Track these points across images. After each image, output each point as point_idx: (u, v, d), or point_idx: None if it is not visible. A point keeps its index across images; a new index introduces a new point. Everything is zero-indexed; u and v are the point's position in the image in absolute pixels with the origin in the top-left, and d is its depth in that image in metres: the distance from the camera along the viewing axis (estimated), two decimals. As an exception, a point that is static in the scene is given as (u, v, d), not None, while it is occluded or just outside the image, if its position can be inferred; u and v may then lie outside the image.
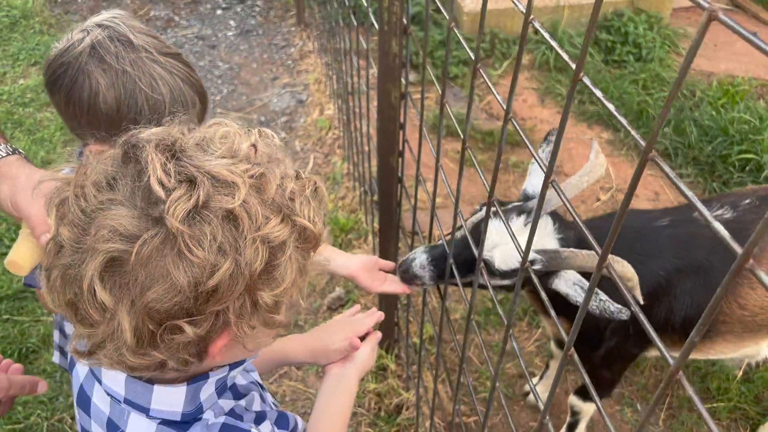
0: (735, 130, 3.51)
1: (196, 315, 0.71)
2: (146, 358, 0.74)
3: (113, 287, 0.69)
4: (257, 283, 0.73)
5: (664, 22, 4.59)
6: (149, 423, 0.88)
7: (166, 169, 0.69)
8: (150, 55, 1.23)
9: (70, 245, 0.71)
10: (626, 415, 2.48)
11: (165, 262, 0.68)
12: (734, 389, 2.52)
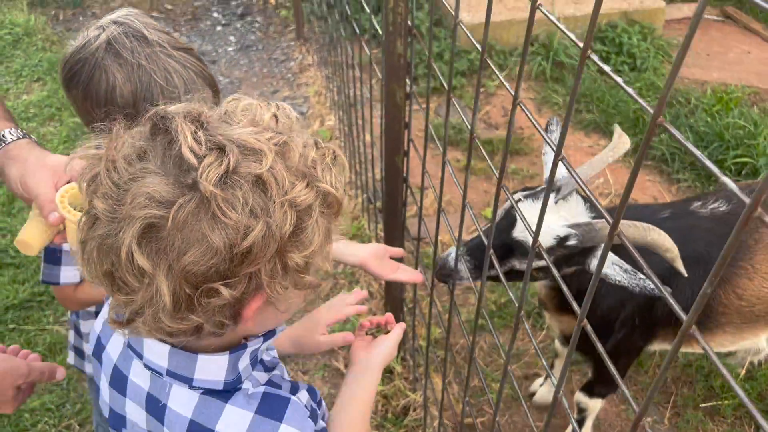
0: (730, 136, 3.56)
1: (231, 277, 0.73)
2: (184, 322, 0.76)
3: (151, 253, 0.71)
4: (287, 245, 0.75)
5: (657, 32, 4.67)
6: (191, 394, 0.89)
7: (197, 137, 0.72)
8: (164, 49, 1.27)
9: (106, 216, 0.73)
10: (631, 414, 2.50)
11: (200, 226, 0.71)
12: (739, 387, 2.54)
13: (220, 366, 0.88)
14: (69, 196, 1.20)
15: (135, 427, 0.97)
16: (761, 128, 3.62)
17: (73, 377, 2.60)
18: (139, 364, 0.93)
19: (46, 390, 2.55)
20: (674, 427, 2.47)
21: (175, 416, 0.90)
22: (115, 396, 0.98)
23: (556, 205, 1.64)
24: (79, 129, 3.82)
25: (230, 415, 0.88)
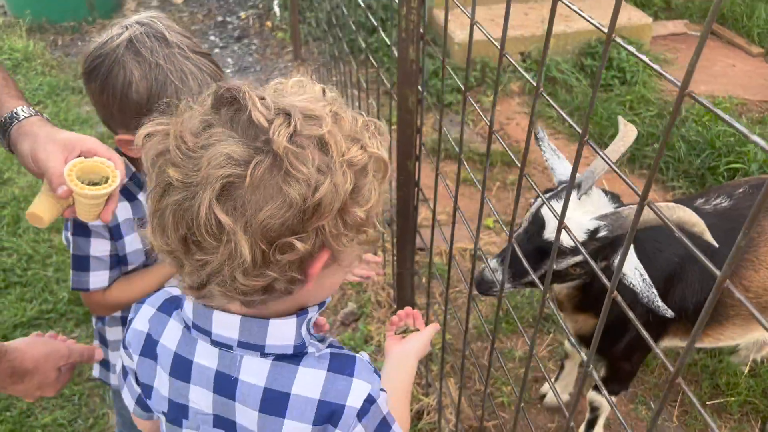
0: (721, 143, 3.66)
1: (301, 232, 0.79)
2: (259, 279, 0.80)
3: (230, 210, 0.76)
4: (348, 201, 0.81)
5: (645, 48, 4.80)
6: (263, 362, 0.92)
7: (265, 104, 0.79)
8: (182, 52, 1.31)
9: (180, 182, 0.78)
10: (641, 413, 2.53)
11: (275, 181, 0.76)
12: (743, 384, 2.59)
13: (289, 329, 0.92)
14: (77, 170, 1.22)
15: (198, 415, 0.98)
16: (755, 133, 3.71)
17: (84, 392, 2.60)
18: (205, 344, 0.95)
19: (57, 406, 2.55)
20: (683, 425, 2.51)
21: (248, 388, 0.92)
22: (176, 386, 0.98)
23: (580, 201, 1.69)
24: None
25: (304, 376, 0.91)
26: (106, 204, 1.30)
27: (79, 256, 1.46)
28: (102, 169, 1.27)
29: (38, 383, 1.31)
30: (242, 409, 0.94)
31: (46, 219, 1.26)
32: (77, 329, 2.86)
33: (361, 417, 0.91)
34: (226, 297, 0.85)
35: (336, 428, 0.91)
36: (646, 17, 4.86)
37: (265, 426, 0.93)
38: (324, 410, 0.90)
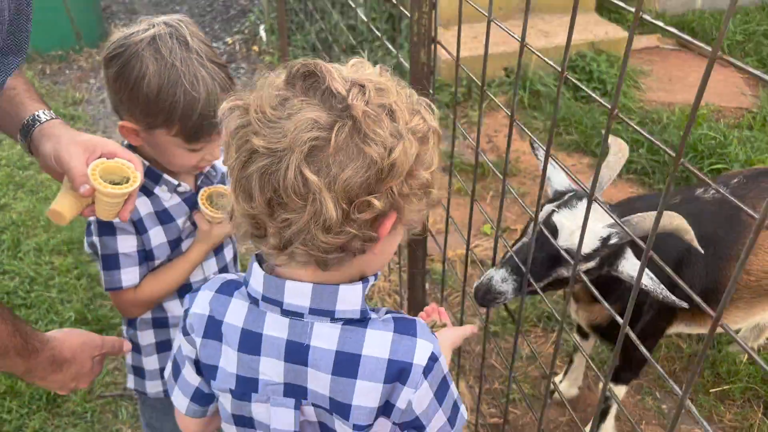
0: (703, 146, 3.82)
1: (377, 192, 0.86)
2: (339, 236, 0.86)
3: (316, 170, 0.83)
4: (415, 165, 0.89)
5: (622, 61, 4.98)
6: (333, 327, 0.97)
7: (340, 75, 0.87)
8: (200, 58, 1.36)
9: (265, 149, 0.84)
10: (647, 403, 2.61)
11: (356, 143, 0.84)
12: (743, 371, 2.68)
13: (356, 294, 0.97)
14: (100, 170, 1.29)
15: (268, 386, 1.02)
16: (730, 138, 3.89)
17: (96, 409, 2.59)
18: (275, 315, 0.99)
19: (69, 424, 2.54)
20: (688, 413, 2.58)
21: (320, 353, 0.97)
22: (245, 360, 1.02)
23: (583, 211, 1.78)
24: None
25: (373, 337, 0.97)
26: (124, 204, 1.36)
27: (108, 255, 1.50)
28: (123, 170, 1.33)
29: (75, 373, 1.35)
30: (314, 374, 0.98)
31: (67, 216, 1.31)
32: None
33: (427, 374, 0.97)
34: (307, 256, 0.90)
35: (405, 386, 0.96)
36: (622, 31, 5.06)
37: (338, 388, 0.97)
38: (393, 369, 0.96)
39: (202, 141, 1.41)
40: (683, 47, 5.66)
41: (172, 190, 1.54)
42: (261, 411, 1.05)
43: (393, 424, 1.00)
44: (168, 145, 1.42)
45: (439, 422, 1.03)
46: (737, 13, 5.87)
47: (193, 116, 1.35)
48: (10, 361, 1.21)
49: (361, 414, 0.97)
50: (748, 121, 4.35)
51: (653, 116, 4.35)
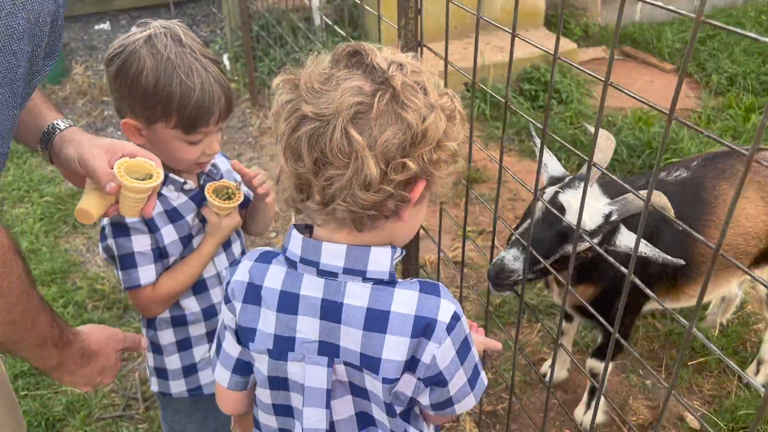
0: (657, 143, 4.07)
1: (410, 156, 0.96)
2: (377, 194, 0.96)
3: (359, 132, 0.94)
4: (443, 137, 0.99)
5: (574, 71, 5.26)
6: (364, 286, 1.06)
7: (382, 54, 0.99)
8: (193, 53, 1.47)
9: (314, 114, 0.95)
10: (633, 380, 2.76)
11: (394, 110, 0.95)
12: (715, 344, 2.86)
13: (386, 257, 1.06)
14: (124, 167, 1.37)
15: (304, 344, 1.09)
16: (681, 134, 4.16)
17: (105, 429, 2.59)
18: (311, 276, 1.07)
19: (72, 447, 2.54)
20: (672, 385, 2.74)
21: (352, 310, 1.05)
22: (284, 320, 1.10)
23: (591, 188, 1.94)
24: (53, 206, 3.87)
25: (401, 295, 1.06)
26: (147, 200, 1.44)
27: (125, 255, 1.56)
28: (145, 167, 1.42)
29: (101, 367, 1.38)
30: (347, 330, 1.06)
31: (95, 214, 1.39)
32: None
33: (450, 331, 1.05)
34: (347, 213, 0.99)
35: (429, 341, 1.04)
36: (572, 43, 5.35)
37: (369, 343, 1.05)
38: (419, 324, 1.04)
39: (200, 131, 1.50)
40: (627, 57, 5.99)
41: (179, 188, 1.61)
42: (296, 370, 1.12)
43: (417, 380, 1.08)
44: (168, 139, 1.50)
45: (460, 381, 1.11)
46: (673, 22, 6.27)
47: (189, 105, 1.44)
48: (47, 352, 1.25)
49: (389, 367, 1.05)
50: (694, 120, 4.65)
51: (608, 120, 4.61)
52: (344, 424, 1.16)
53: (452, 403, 1.13)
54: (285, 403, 1.18)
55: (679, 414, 2.62)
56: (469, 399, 1.15)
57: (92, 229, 3.76)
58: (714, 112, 4.77)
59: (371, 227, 1.04)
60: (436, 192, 1.08)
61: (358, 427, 1.16)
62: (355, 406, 1.15)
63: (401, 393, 1.09)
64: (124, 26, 6.29)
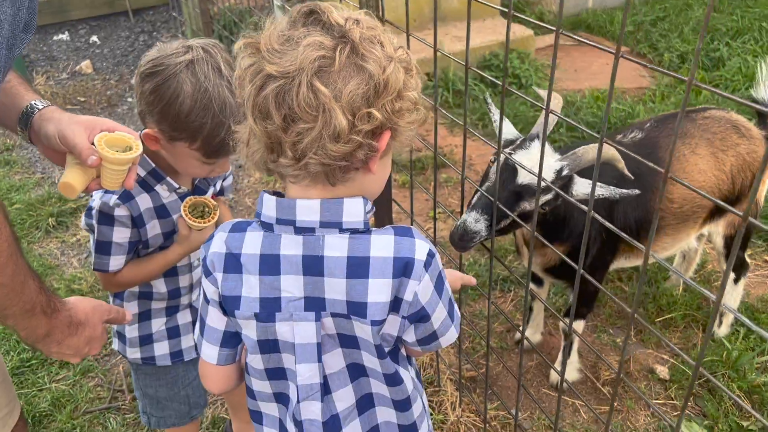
0: (615, 119, 4.22)
1: (375, 106, 1.01)
2: (348, 144, 1.00)
3: (325, 85, 0.98)
4: (402, 87, 1.04)
5: (532, 57, 5.41)
6: (341, 237, 1.09)
7: (338, 12, 1.03)
8: (229, 86, 1.49)
9: (278, 72, 0.98)
10: (603, 339, 2.88)
11: (356, 62, 0.99)
12: (680, 301, 3.00)
13: (359, 207, 1.10)
14: (105, 140, 1.43)
15: (290, 303, 1.12)
16: (637, 110, 4.32)
17: (84, 425, 2.61)
18: (289, 236, 1.10)
19: (60, 441, 2.55)
20: (640, 342, 2.87)
21: (333, 261, 1.09)
22: (267, 281, 1.13)
23: (533, 150, 2.04)
24: (24, 212, 3.85)
25: (377, 241, 1.10)
26: (129, 172, 1.49)
27: (102, 242, 1.63)
28: (124, 140, 1.48)
29: (88, 336, 1.38)
30: (330, 281, 1.10)
31: (78, 187, 1.44)
32: (62, 371, 2.87)
33: (427, 267, 1.11)
34: (320, 166, 1.03)
35: (410, 279, 1.09)
36: (528, 30, 5.50)
37: (353, 289, 1.09)
38: (399, 265, 1.09)
39: (220, 159, 1.56)
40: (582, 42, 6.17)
41: (172, 190, 1.67)
42: (285, 330, 1.15)
43: (402, 318, 1.13)
44: (185, 157, 1.55)
45: (441, 314, 1.16)
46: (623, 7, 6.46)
47: (217, 138, 1.48)
48: (36, 320, 1.25)
49: (376, 310, 1.09)
50: (649, 97, 4.83)
51: (567, 101, 4.76)
52: (336, 377, 1.20)
53: (437, 337, 1.19)
54: (277, 366, 1.21)
55: (649, 366, 2.74)
56: (452, 331, 1.21)
57: (66, 232, 3.77)
58: (668, 89, 4.95)
59: (343, 180, 1.07)
60: (402, 142, 1.12)
61: (349, 379, 1.21)
62: (345, 359, 1.19)
63: (387, 334, 1.15)
64: (83, 35, 6.26)
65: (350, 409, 1.22)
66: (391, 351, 1.20)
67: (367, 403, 1.24)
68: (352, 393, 1.22)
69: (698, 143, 2.44)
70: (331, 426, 1.21)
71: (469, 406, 2.54)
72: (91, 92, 5.39)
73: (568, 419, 2.56)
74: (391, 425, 1.27)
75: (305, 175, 1.06)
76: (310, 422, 1.21)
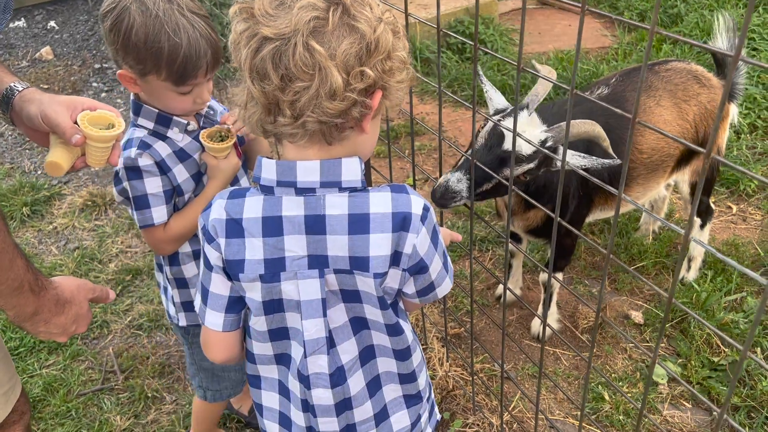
0: (580, 78, 4.31)
1: (367, 65, 1.06)
2: (344, 102, 1.05)
3: (320, 44, 1.02)
4: (391, 47, 1.09)
5: (496, 22, 5.46)
6: (341, 196, 1.14)
7: None
8: (180, 9, 1.55)
9: (274, 34, 1.02)
10: (580, 290, 2.99)
11: (348, 22, 1.04)
12: (650, 250, 3.13)
13: (356, 166, 1.15)
14: (87, 119, 1.45)
15: (294, 261, 1.17)
16: (601, 69, 4.41)
17: (79, 406, 2.65)
18: (290, 197, 1.15)
19: (57, 423, 2.59)
20: (615, 290, 2.99)
21: (334, 219, 1.14)
22: (271, 243, 1.17)
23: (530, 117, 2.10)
24: None
25: (375, 198, 1.15)
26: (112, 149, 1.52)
27: (138, 196, 1.66)
28: (107, 118, 1.50)
29: (75, 315, 1.39)
30: (333, 238, 1.14)
31: (64, 166, 1.47)
32: (51, 356, 2.89)
33: (423, 221, 1.17)
34: (317, 124, 1.07)
35: (408, 232, 1.15)
36: (491, -5, 5.54)
37: (356, 245, 1.14)
38: (397, 219, 1.15)
39: (189, 84, 1.59)
40: (544, 4, 6.23)
41: (182, 129, 1.70)
42: (290, 288, 1.20)
43: (403, 271, 1.19)
44: (161, 90, 1.60)
45: (438, 265, 1.23)
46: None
47: (177, 60, 1.53)
48: (24, 298, 1.26)
49: (378, 263, 1.15)
50: (611, 56, 4.92)
51: (531, 63, 4.83)
52: (340, 331, 1.26)
53: (434, 288, 1.26)
54: (280, 326, 1.26)
55: (624, 313, 2.86)
56: (447, 282, 1.28)
57: (41, 221, 3.74)
58: (629, 46, 5.05)
59: (339, 139, 1.12)
60: (393, 101, 1.16)
61: (352, 332, 1.27)
62: (347, 313, 1.25)
63: (389, 287, 1.21)
64: (40, 21, 6.12)
65: (353, 360, 1.29)
66: (392, 303, 1.26)
67: (369, 355, 1.31)
68: (355, 345, 1.28)
69: (662, 95, 2.53)
70: (336, 377, 1.27)
71: (456, 361, 2.64)
72: (54, 79, 5.30)
73: (551, 367, 2.67)
74: (392, 374, 1.35)
75: (303, 134, 1.10)
76: (317, 375, 1.26)
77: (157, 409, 2.64)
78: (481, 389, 2.51)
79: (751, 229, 3.32)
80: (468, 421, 2.42)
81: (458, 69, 4.87)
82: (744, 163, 3.62)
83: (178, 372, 2.80)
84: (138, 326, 3.03)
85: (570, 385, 2.60)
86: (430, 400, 1.48)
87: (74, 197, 3.91)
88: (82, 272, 3.32)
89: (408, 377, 1.36)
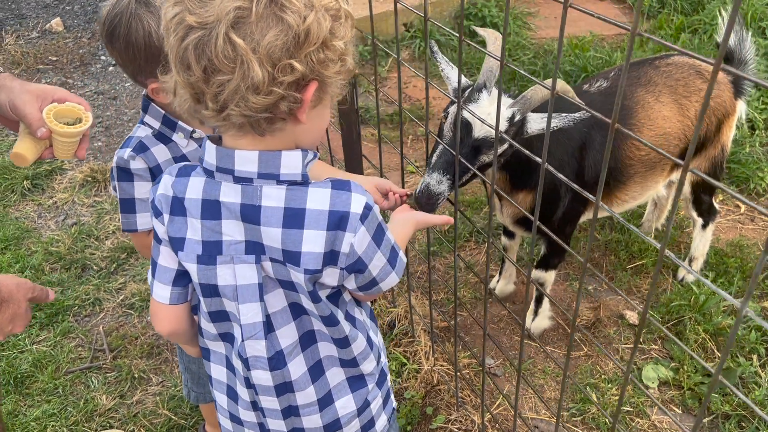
0: (593, 67, 4.19)
1: (297, 57, 1.00)
2: (268, 96, 0.99)
3: (242, 37, 0.96)
4: (328, 36, 1.02)
5: (511, 4, 5.32)
6: (279, 188, 1.11)
7: None
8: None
9: (198, 23, 0.97)
10: (575, 287, 2.93)
11: (274, 12, 0.97)
12: (651, 248, 3.05)
13: (296, 159, 1.12)
14: (54, 113, 1.41)
15: (231, 246, 1.15)
16: (614, 57, 4.29)
17: (66, 384, 2.66)
18: (228, 184, 1.12)
19: (43, 401, 2.60)
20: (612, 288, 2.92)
21: (270, 211, 1.11)
22: (209, 225, 1.16)
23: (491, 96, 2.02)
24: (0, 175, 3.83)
25: (314, 194, 1.12)
26: (80, 143, 1.48)
27: (126, 200, 1.61)
28: (75, 112, 1.46)
29: (12, 314, 1.36)
30: (267, 230, 1.12)
31: (29, 158, 1.44)
32: (42, 332, 2.90)
33: (363, 220, 1.13)
34: (241, 117, 1.03)
35: (345, 232, 1.12)
36: (507, -23, 5.39)
37: (288, 239, 1.12)
38: (334, 218, 1.11)
39: None
40: (563, -12, 6.07)
41: (187, 136, 1.63)
42: (226, 273, 1.18)
43: (340, 270, 1.16)
44: None
45: (380, 263, 1.21)
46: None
47: None
48: None
49: (309, 259, 1.12)
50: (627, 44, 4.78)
51: (546, 49, 4.72)
52: (279, 315, 1.24)
53: (377, 283, 1.24)
54: (219, 309, 1.25)
55: (620, 312, 2.80)
56: (392, 276, 1.26)
57: (42, 195, 3.75)
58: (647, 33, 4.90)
59: (271, 131, 1.08)
60: (332, 93, 1.12)
61: (292, 317, 1.25)
62: (286, 298, 1.23)
63: (326, 285, 1.19)
64: (52, -8, 6.10)
65: (293, 345, 1.27)
66: (331, 295, 1.24)
67: (310, 339, 1.29)
68: (295, 330, 1.26)
69: (662, 91, 2.44)
70: (276, 361, 1.26)
71: (443, 356, 2.60)
72: (62, 51, 5.29)
73: (540, 365, 2.63)
74: (333, 359, 1.33)
75: (229, 126, 1.07)
76: (255, 359, 1.26)
77: (143, 389, 2.65)
78: (465, 385, 2.48)
79: (758, 230, 3.22)
80: (451, 417, 2.39)
81: (468, 53, 4.77)
82: (756, 161, 3.50)
83: (166, 353, 2.80)
84: (130, 305, 3.03)
85: (559, 384, 2.55)
86: (384, 387, 1.46)
87: (75, 172, 3.91)
88: (78, 248, 3.33)
89: (350, 363, 1.35)
